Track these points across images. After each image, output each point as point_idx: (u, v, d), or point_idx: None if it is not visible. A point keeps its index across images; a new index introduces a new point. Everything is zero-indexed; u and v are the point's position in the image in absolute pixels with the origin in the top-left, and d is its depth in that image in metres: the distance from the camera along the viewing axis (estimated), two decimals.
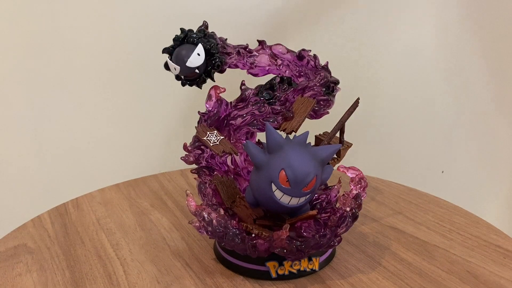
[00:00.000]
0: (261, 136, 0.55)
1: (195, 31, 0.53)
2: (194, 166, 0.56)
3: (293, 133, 0.53)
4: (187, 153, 0.55)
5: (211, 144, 0.54)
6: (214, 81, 0.55)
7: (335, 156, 0.58)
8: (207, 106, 0.56)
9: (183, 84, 0.54)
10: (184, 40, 0.52)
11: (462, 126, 0.85)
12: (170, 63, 0.52)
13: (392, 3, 0.83)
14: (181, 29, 0.53)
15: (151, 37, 0.83)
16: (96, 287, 0.51)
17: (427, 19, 0.83)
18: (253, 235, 0.49)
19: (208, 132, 0.54)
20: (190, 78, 0.53)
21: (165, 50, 0.53)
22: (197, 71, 0.52)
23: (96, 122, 0.87)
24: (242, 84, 0.56)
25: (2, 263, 0.56)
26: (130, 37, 0.84)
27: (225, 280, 0.52)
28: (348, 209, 0.50)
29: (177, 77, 0.54)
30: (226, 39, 0.56)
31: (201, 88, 0.54)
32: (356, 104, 0.57)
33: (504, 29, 0.79)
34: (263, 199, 0.49)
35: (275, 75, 0.57)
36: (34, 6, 0.78)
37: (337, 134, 0.58)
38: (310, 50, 0.59)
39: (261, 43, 0.58)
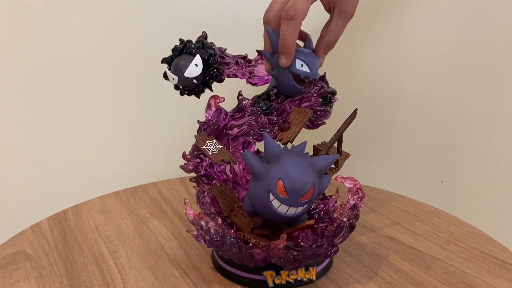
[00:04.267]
0: (260, 146, 0.55)
1: (193, 42, 0.54)
2: (193, 174, 0.57)
3: (289, 143, 0.53)
4: (186, 162, 0.56)
5: (210, 153, 0.54)
6: (212, 91, 0.55)
7: (333, 166, 0.58)
8: (207, 115, 0.56)
9: (182, 94, 0.55)
10: (183, 51, 0.53)
11: (462, 137, 0.85)
12: (169, 73, 0.52)
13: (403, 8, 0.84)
14: (180, 39, 0.53)
15: (152, 45, 0.84)
16: None
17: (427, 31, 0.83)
18: (250, 244, 0.49)
19: (207, 141, 0.55)
20: (189, 88, 0.54)
21: (164, 60, 0.54)
22: (195, 81, 0.53)
23: (96, 129, 0.88)
24: (240, 94, 0.57)
25: (0, 270, 0.56)
26: (131, 45, 0.85)
27: None
28: (345, 219, 0.50)
29: (176, 87, 0.54)
30: (225, 49, 0.57)
31: (199, 98, 0.55)
32: (354, 114, 0.57)
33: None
34: (261, 208, 0.49)
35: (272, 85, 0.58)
36: (36, 9, 0.79)
37: (335, 144, 0.58)
38: None
39: (260, 53, 0.59)
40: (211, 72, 0.53)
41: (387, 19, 0.86)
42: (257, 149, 0.61)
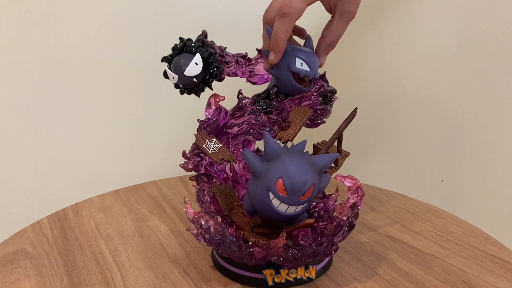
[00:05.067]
0: (260, 144, 0.56)
1: (194, 40, 0.54)
2: (193, 173, 0.57)
3: (289, 142, 0.53)
4: (186, 160, 0.56)
5: (210, 152, 0.54)
6: (212, 89, 0.55)
7: (332, 165, 0.58)
8: (207, 114, 0.56)
9: (182, 93, 0.55)
10: (183, 49, 0.53)
11: (463, 136, 0.85)
12: (169, 72, 0.52)
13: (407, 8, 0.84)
14: (180, 38, 0.53)
15: (152, 44, 0.84)
16: None
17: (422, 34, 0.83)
18: (250, 243, 0.49)
19: (207, 140, 0.55)
20: (189, 86, 0.54)
21: (164, 59, 0.54)
22: (195, 80, 0.53)
23: (96, 128, 0.88)
24: (240, 93, 0.57)
25: (0, 268, 0.56)
26: (131, 44, 0.85)
27: (221, 287, 0.52)
28: (345, 218, 0.50)
29: (176, 86, 0.54)
30: (225, 47, 0.57)
31: (199, 97, 0.55)
32: (354, 113, 0.57)
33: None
34: (260, 207, 0.49)
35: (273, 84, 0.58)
36: (37, 9, 0.79)
37: (335, 143, 0.58)
38: None
39: (260, 51, 0.59)
40: (211, 70, 0.53)
41: (388, 19, 0.86)
42: (257, 147, 0.61)
